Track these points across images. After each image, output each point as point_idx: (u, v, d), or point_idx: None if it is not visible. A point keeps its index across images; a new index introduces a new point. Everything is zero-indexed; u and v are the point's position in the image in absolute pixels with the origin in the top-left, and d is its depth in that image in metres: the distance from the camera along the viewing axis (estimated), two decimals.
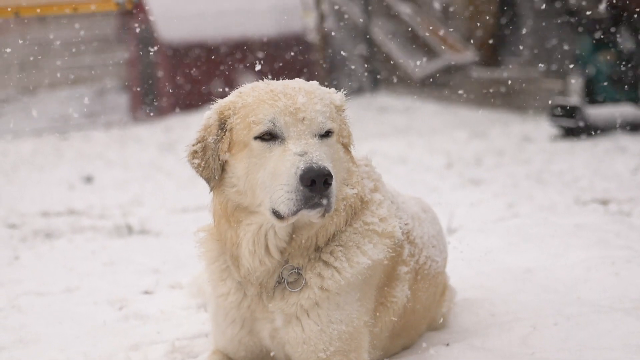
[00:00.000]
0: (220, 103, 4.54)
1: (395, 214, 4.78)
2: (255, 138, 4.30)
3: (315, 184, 4.09)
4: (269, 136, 4.29)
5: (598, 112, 15.88)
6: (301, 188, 4.11)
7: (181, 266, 7.77)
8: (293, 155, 4.18)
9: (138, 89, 24.55)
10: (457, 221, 8.93)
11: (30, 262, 8.46)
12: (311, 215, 4.24)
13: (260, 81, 4.58)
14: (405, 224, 4.89)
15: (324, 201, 4.15)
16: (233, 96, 4.53)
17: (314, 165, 4.11)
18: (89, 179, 14.35)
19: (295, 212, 4.16)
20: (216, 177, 4.42)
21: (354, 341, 4.55)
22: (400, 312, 4.84)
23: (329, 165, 4.17)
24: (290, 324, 4.53)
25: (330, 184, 4.13)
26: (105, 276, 7.72)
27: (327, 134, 4.38)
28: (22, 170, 16.11)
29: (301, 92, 4.40)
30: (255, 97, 4.40)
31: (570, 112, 16.01)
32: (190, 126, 19.59)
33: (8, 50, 23.41)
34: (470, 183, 12.17)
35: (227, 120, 4.44)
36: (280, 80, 4.56)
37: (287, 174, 4.15)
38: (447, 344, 5.27)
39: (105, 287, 7.29)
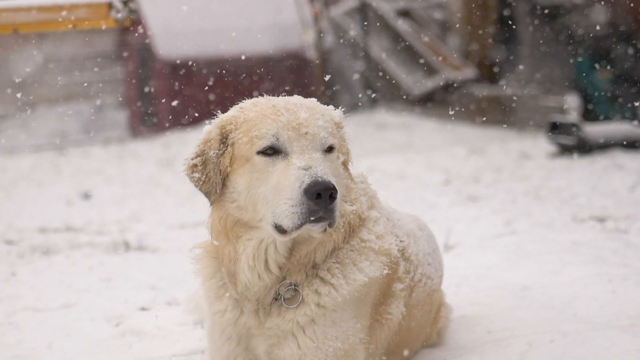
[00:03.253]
0: (221, 117, 4.55)
1: (391, 231, 4.79)
2: (258, 153, 4.32)
3: (321, 197, 4.11)
4: (272, 151, 4.31)
5: (596, 130, 15.89)
6: (306, 201, 4.12)
7: (178, 282, 7.77)
8: (297, 170, 4.19)
9: (137, 105, 24.56)
10: (454, 238, 8.93)
11: (28, 278, 8.45)
12: (314, 230, 4.26)
13: (261, 97, 4.60)
14: (401, 241, 4.89)
15: (328, 215, 4.16)
16: (234, 111, 4.54)
17: (319, 179, 4.13)
18: (87, 195, 14.35)
19: (300, 226, 4.17)
20: (217, 191, 4.42)
21: (349, 358, 4.55)
22: (396, 329, 4.84)
23: (333, 180, 4.19)
24: (286, 340, 4.53)
25: (335, 198, 4.14)
26: (102, 292, 7.71)
27: (329, 149, 4.40)
28: (21, 186, 16.10)
29: (303, 107, 4.42)
30: (258, 112, 4.41)
31: (568, 129, 16.02)
32: (189, 142, 19.57)
33: (6, 66, 23.43)
34: (468, 199, 12.17)
35: (228, 135, 4.44)
36: (281, 97, 4.58)
37: (292, 188, 4.16)
38: None
39: (103, 303, 7.29)
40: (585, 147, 15.58)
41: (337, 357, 4.51)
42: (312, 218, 4.16)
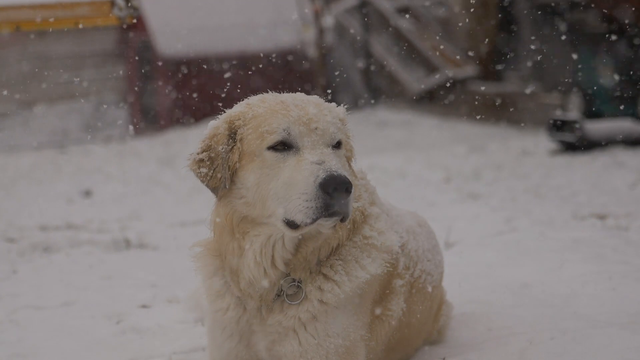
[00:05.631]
0: (229, 113, 4.52)
1: (392, 227, 4.80)
2: (269, 148, 4.30)
3: (337, 192, 4.10)
4: (283, 146, 4.29)
5: (597, 127, 15.90)
6: (322, 196, 4.11)
7: (179, 280, 7.77)
8: (310, 164, 4.19)
9: (137, 103, 24.57)
10: (455, 235, 8.93)
11: (28, 276, 8.45)
12: (326, 225, 4.25)
13: (266, 93, 4.59)
14: (400, 237, 4.89)
15: (343, 210, 4.16)
16: (241, 107, 4.52)
17: (335, 174, 4.12)
18: (87, 193, 14.36)
19: (314, 221, 4.16)
20: (226, 187, 4.40)
21: (350, 355, 4.55)
22: (396, 326, 4.84)
23: (347, 174, 4.19)
24: (287, 337, 4.53)
25: (350, 192, 4.14)
26: (102, 290, 7.71)
27: (337, 145, 4.40)
28: (21, 184, 16.12)
29: (311, 103, 4.42)
30: (267, 108, 4.40)
31: (569, 126, 16.04)
32: (189, 140, 19.62)
33: (7, 64, 23.44)
34: (468, 197, 12.18)
35: (237, 131, 4.42)
36: (286, 93, 4.57)
37: (306, 182, 4.15)
38: (444, 359, 5.28)
39: (103, 301, 7.29)
40: (585, 145, 15.59)
41: (338, 353, 4.51)
42: (327, 212, 4.16)
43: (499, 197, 12.01)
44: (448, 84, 23.62)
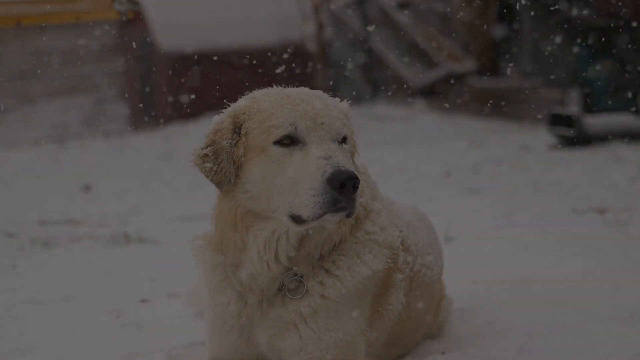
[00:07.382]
0: (233, 107, 4.52)
1: (392, 223, 4.80)
2: (275, 143, 4.29)
3: (344, 187, 4.10)
4: (289, 140, 4.29)
5: (596, 122, 15.88)
6: (330, 191, 4.11)
7: (178, 275, 7.75)
8: (317, 159, 4.19)
9: (137, 98, 24.55)
10: (454, 230, 8.92)
11: (28, 270, 8.44)
12: (332, 220, 4.26)
13: (271, 87, 4.58)
14: (400, 232, 4.89)
15: (350, 205, 4.16)
16: (246, 101, 4.51)
17: (343, 169, 4.13)
18: (87, 188, 14.34)
19: (320, 216, 4.16)
20: (231, 181, 4.40)
21: (350, 349, 4.56)
22: (396, 320, 4.85)
23: (354, 169, 4.19)
24: (287, 331, 4.54)
25: (357, 188, 4.14)
26: (102, 285, 7.71)
27: (343, 140, 4.40)
28: (21, 179, 16.09)
29: (316, 98, 4.42)
30: (272, 102, 4.39)
31: (568, 121, 16.02)
32: (189, 135, 19.60)
33: (8, 59, 23.43)
34: (468, 192, 12.16)
35: (242, 125, 4.41)
36: (291, 88, 4.57)
37: (313, 177, 4.15)
38: (443, 353, 5.28)
39: (103, 295, 7.28)
40: (585, 139, 15.57)
41: (338, 348, 4.52)
42: (334, 207, 4.15)
43: (499, 191, 12.00)
44: (448, 79, 23.59)
